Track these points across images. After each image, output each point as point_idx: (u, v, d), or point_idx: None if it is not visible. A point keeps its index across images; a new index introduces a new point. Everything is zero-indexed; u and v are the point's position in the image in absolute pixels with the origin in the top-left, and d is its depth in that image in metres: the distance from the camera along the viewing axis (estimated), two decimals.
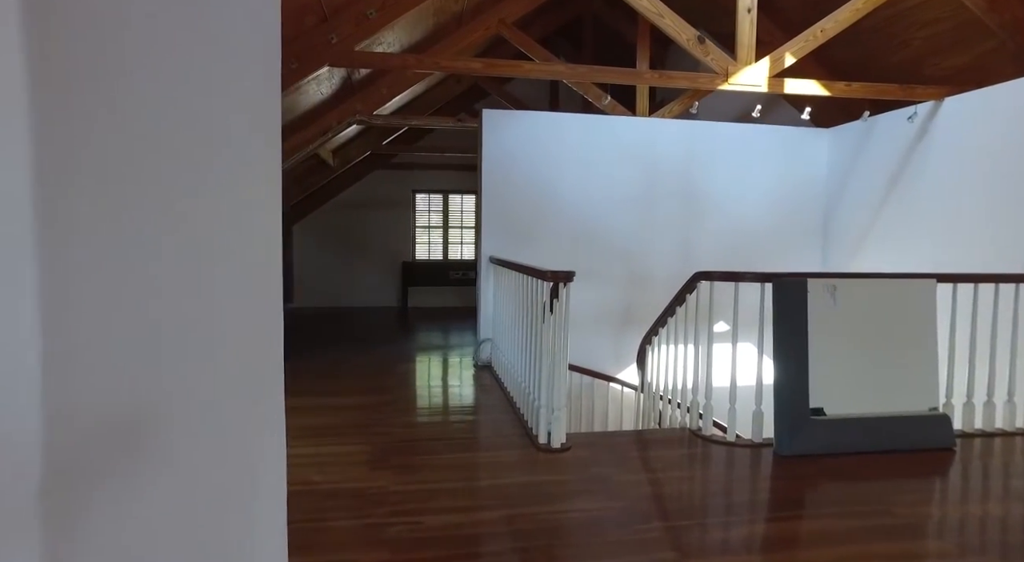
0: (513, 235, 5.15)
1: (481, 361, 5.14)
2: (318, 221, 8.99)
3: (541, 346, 3.26)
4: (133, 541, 0.70)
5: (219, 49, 0.74)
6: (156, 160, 0.70)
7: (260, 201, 0.90)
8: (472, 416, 3.76)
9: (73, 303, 0.63)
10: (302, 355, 5.51)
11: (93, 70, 0.64)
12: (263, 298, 0.93)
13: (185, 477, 0.75)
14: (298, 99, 4.53)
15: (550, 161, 5.19)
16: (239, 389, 0.85)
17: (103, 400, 0.67)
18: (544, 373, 3.18)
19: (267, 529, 0.88)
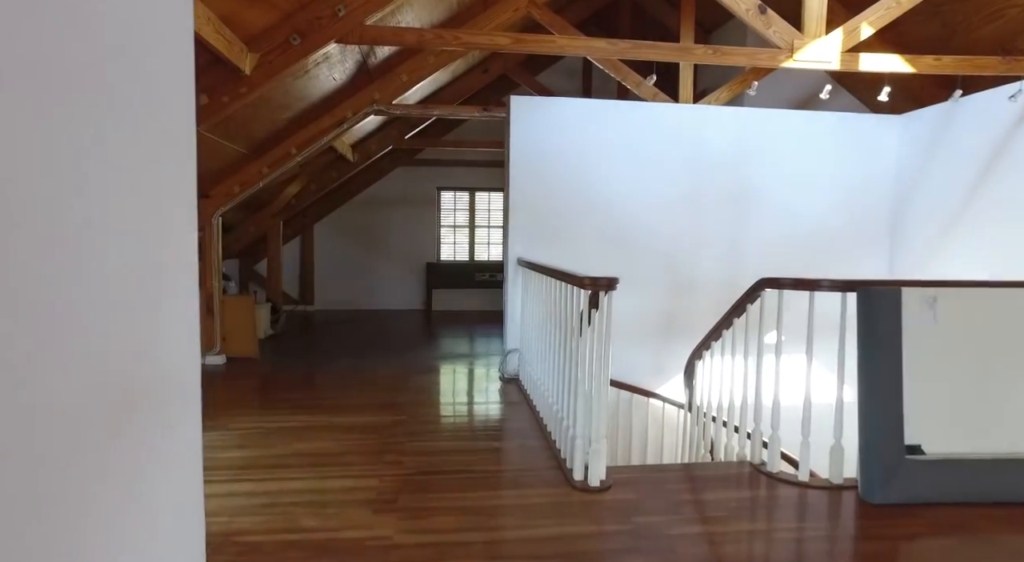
0: (543, 235, 4.68)
1: (507, 374, 4.68)
2: (338, 220, 8.67)
3: (576, 364, 2.79)
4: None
5: None
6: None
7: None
8: (497, 442, 3.30)
9: None
10: (316, 363, 5.13)
11: None
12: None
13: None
14: (308, 85, 4.15)
15: (585, 153, 4.71)
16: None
17: None
18: (580, 398, 2.71)
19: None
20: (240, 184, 4.93)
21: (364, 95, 4.97)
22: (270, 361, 5.21)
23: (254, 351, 5.17)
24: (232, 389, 4.31)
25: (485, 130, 8.52)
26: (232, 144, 4.24)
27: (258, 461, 2.87)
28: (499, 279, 8.82)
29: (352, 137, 6.42)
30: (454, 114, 5.40)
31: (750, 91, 4.65)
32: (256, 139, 4.50)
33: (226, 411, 3.71)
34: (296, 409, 3.75)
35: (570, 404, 2.92)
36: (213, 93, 3.08)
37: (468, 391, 4.40)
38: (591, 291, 2.65)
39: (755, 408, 2.94)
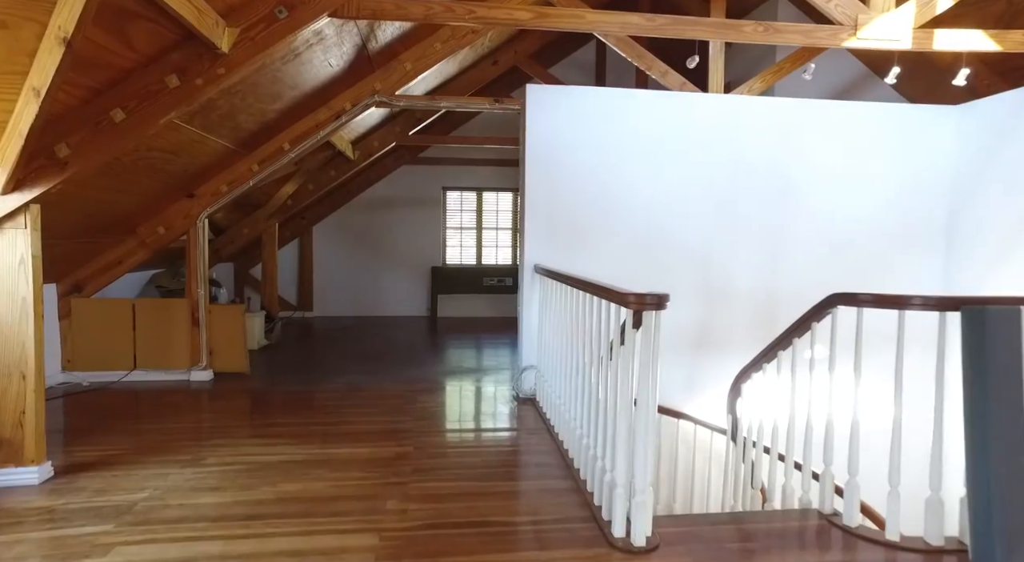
0: (562, 238, 4.21)
1: (523, 393, 4.22)
2: (338, 222, 8.23)
3: (614, 395, 2.33)
4: None
5: None
6: None
7: None
8: (517, 482, 2.84)
9: None
10: (311, 379, 4.68)
11: None
12: None
13: None
14: (301, 71, 3.70)
15: (608, 148, 4.24)
16: None
17: None
18: (621, 437, 2.24)
19: None
20: (228, 183, 4.49)
21: (364, 85, 4.52)
22: (261, 377, 4.76)
23: (244, 366, 4.72)
24: (215, 411, 3.85)
25: (494, 126, 8.08)
26: (216, 137, 3.79)
27: (233, 509, 2.41)
28: (507, 284, 8.38)
29: (352, 133, 5.97)
30: (463, 106, 4.95)
31: (806, 75, 4.19)
32: (244, 132, 4.05)
33: (205, 440, 3.25)
34: (286, 437, 3.30)
35: (605, 440, 2.46)
36: (185, 74, 2.63)
37: (480, 414, 3.94)
38: (635, 310, 2.19)
39: (826, 446, 2.47)
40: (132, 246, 4.41)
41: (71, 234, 3.76)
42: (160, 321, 4.50)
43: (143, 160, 3.37)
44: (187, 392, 4.26)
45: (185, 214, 4.45)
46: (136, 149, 3.18)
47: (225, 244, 6.50)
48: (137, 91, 2.56)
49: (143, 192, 3.83)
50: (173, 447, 3.12)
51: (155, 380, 4.48)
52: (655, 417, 2.24)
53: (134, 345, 4.47)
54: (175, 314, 4.52)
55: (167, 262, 5.55)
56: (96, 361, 4.40)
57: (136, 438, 3.26)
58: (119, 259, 4.39)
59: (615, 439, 2.31)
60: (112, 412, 3.75)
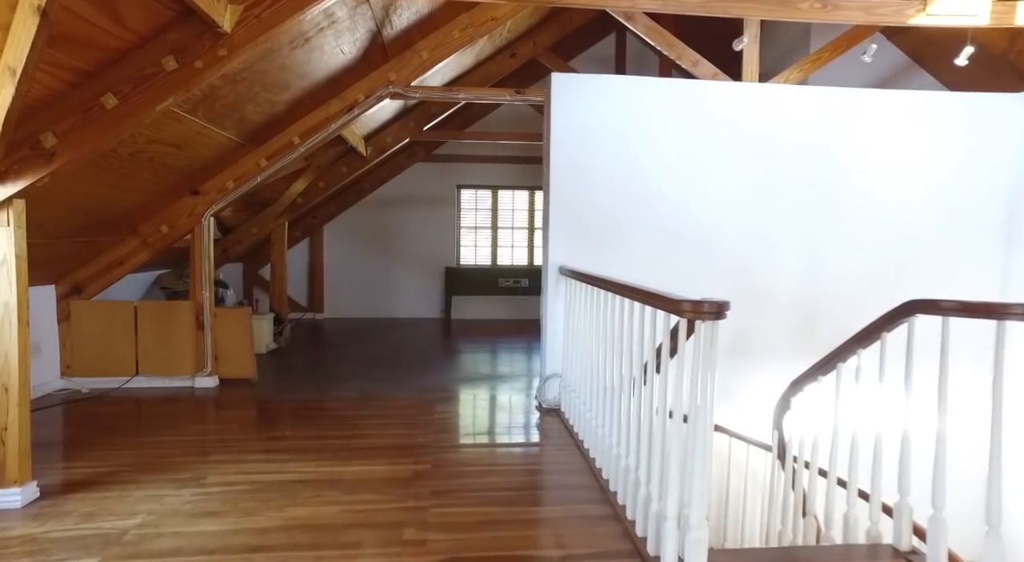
0: (589, 238, 3.94)
1: (546, 402, 3.94)
2: (350, 221, 8.00)
3: (662, 413, 2.06)
4: None
5: None
6: None
7: None
8: (545, 507, 2.56)
9: None
10: (322, 387, 4.43)
11: None
12: None
13: None
14: (311, 58, 3.45)
15: (638, 141, 3.96)
16: None
17: None
18: (671, 461, 1.96)
19: None
20: (235, 179, 4.25)
21: (378, 75, 4.27)
22: (269, 383, 4.52)
23: (251, 372, 4.48)
24: (219, 422, 3.61)
25: (510, 122, 7.82)
26: (221, 130, 3.55)
27: (234, 539, 2.16)
28: (523, 285, 8.10)
29: (364, 127, 5.73)
30: (483, 98, 4.69)
31: (865, 57, 3.88)
32: (251, 125, 3.81)
33: (207, 454, 3.01)
34: (294, 452, 3.05)
35: (650, 463, 2.18)
36: (183, 55, 2.38)
37: (501, 426, 3.67)
38: (689, 319, 1.91)
39: (900, 472, 2.18)
40: (134, 246, 4.19)
41: (68, 233, 3.54)
42: (163, 325, 4.28)
43: (143, 154, 3.13)
44: (191, 400, 4.03)
45: (189, 212, 4.22)
46: (134, 141, 2.95)
47: (233, 244, 6.29)
48: (130, 74, 2.32)
49: (144, 188, 3.60)
50: (172, 463, 2.87)
51: (158, 387, 4.26)
52: (711, 439, 1.96)
53: (136, 350, 4.25)
54: (179, 317, 4.30)
55: (172, 262, 5.33)
56: (96, 367, 4.18)
57: (133, 452, 3.02)
58: (120, 259, 4.17)
59: (664, 463, 2.03)
60: (110, 422, 3.52)
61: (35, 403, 3.77)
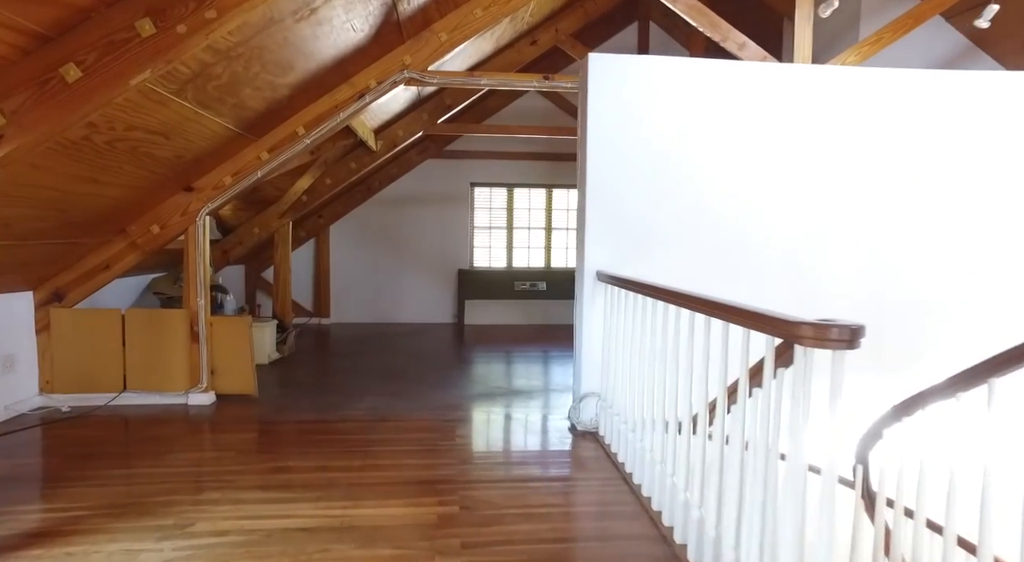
0: (631, 240, 3.49)
1: (581, 424, 3.50)
2: (358, 221, 7.57)
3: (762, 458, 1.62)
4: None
5: None
6: None
7: None
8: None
9: None
10: (329, 404, 4.00)
11: None
12: None
13: None
14: (318, 34, 3.02)
15: (687, 130, 3.52)
16: None
17: None
18: (786, 530, 1.52)
19: None
20: (233, 174, 3.83)
21: (392, 59, 3.84)
22: (271, 400, 4.09)
23: (251, 387, 4.06)
24: (214, 448, 3.19)
25: (529, 116, 7.38)
26: (215, 117, 3.12)
27: None
28: (540, 289, 7.66)
29: (375, 119, 5.30)
30: (509, 84, 4.24)
31: (980, 21, 3.42)
32: (250, 112, 3.39)
33: (198, 492, 2.58)
34: (298, 489, 2.62)
35: (738, 520, 1.74)
36: (162, 18, 1.95)
37: (534, 454, 3.22)
38: (807, 346, 1.47)
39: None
40: (121, 248, 3.78)
41: (43, 233, 3.12)
42: (154, 335, 3.86)
43: (122, 142, 2.71)
44: (183, 420, 3.61)
45: (183, 210, 3.80)
46: (111, 127, 2.52)
47: (233, 245, 5.87)
48: (97, 40, 1.90)
49: (128, 183, 3.18)
50: (155, 504, 2.45)
51: (147, 404, 3.84)
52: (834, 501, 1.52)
53: (124, 363, 3.83)
54: (172, 327, 3.88)
55: (168, 265, 4.92)
56: (79, 382, 3.77)
57: (111, 490, 2.60)
58: (106, 263, 3.75)
59: (763, 525, 1.59)
60: (90, 448, 3.10)
61: (7, 425, 3.36)
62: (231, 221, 5.89)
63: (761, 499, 1.66)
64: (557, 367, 5.39)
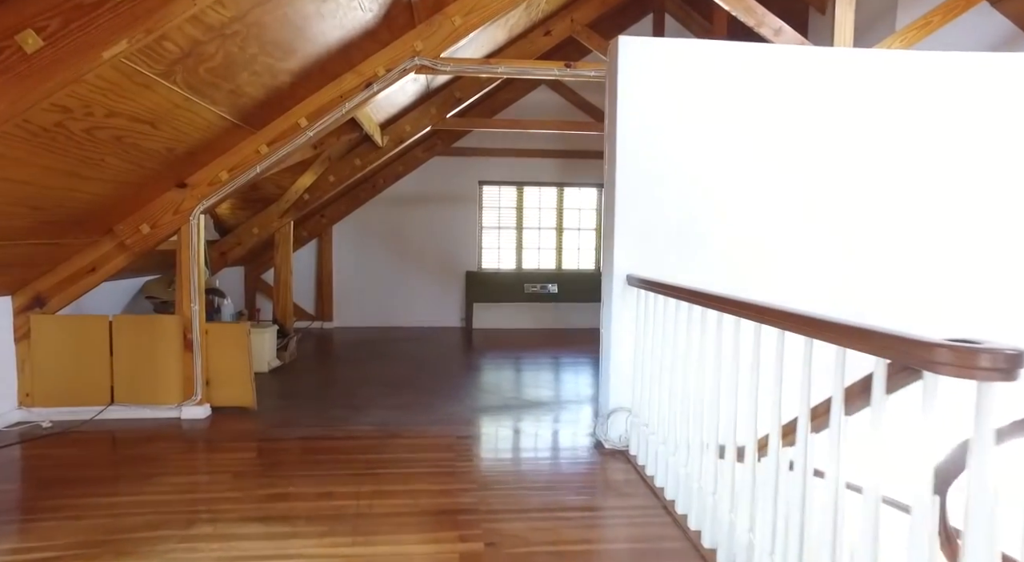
0: (666, 240, 3.19)
1: (609, 441, 3.20)
2: (362, 221, 7.28)
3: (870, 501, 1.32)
4: None
5: None
6: None
7: None
8: None
9: None
10: (333, 417, 3.70)
11: None
12: None
13: None
14: (322, 13, 2.72)
15: (727, 121, 3.22)
16: None
17: None
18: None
19: None
20: (229, 169, 3.54)
21: (402, 44, 3.55)
22: (271, 412, 3.80)
23: (249, 399, 3.76)
24: (207, 470, 2.89)
25: (539, 112, 7.08)
26: (210, 104, 2.83)
27: None
28: (551, 292, 7.36)
29: (381, 113, 5.00)
30: (528, 72, 3.93)
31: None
32: (248, 100, 3.09)
33: (188, 526, 2.28)
34: (300, 520, 2.32)
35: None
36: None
37: (562, 477, 2.91)
38: (947, 375, 1.17)
39: None
40: (108, 249, 3.48)
41: (18, 233, 2.83)
42: (144, 343, 3.56)
43: (103, 130, 2.41)
44: (175, 437, 3.31)
45: (175, 208, 3.51)
46: (88, 112, 2.22)
47: (232, 246, 5.58)
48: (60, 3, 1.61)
49: (113, 178, 2.88)
50: (138, 542, 2.15)
51: (137, 418, 3.54)
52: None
53: (111, 374, 3.54)
54: (164, 334, 3.58)
55: (163, 267, 4.62)
56: (62, 395, 3.48)
57: (89, 522, 2.30)
58: (92, 265, 3.46)
59: None
60: (70, 471, 2.80)
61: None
62: (229, 221, 5.59)
63: (871, 555, 1.36)
64: (573, 375, 5.10)
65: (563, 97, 7.27)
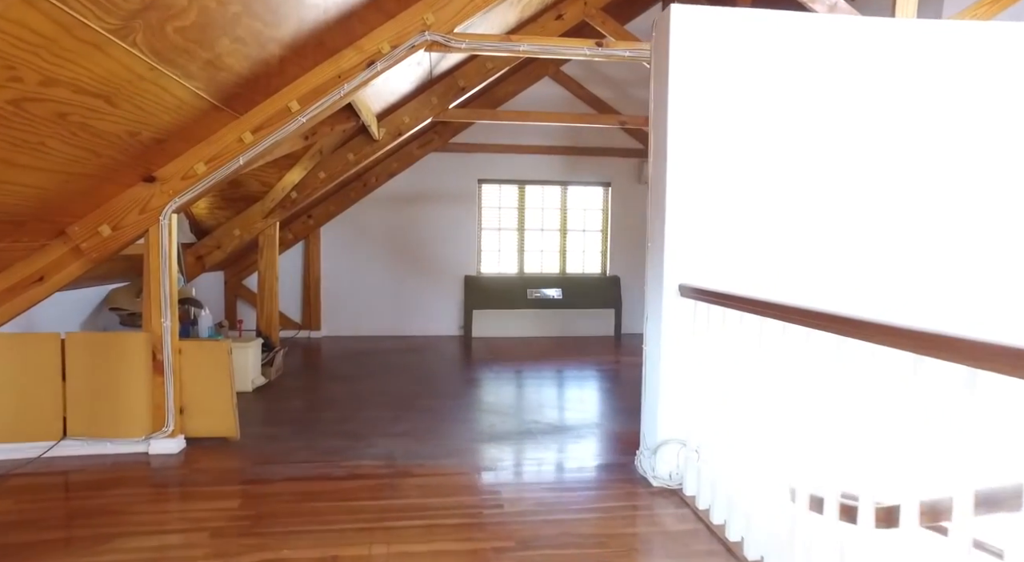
0: (729, 245, 2.74)
1: (658, 478, 2.74)
2: (352, 222, 6.74)
3: None
4: None
5: None
6: None
7: None
8: None
9: None
10: (327, 451, 3.18)
11: None
12: None
13: None
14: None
15: (801, 103, 2.77)
16: None
17: None
18: None
19: None
20: (207, 160, 3.01)
21: (410, 17, 3.06)
22: (256, 444, 3.27)
23: (231, 428, 3.23)
24: (179, 525, 2.35)
25: (542, 105, 6.61)
26: (182, 78, 2.30)
27: None
28: (555, 298, 6.90)
29: (378, 101, 4.49)
30: (552, 51, 3.44)
31: None
32: (229, 75, 2.57)
33: None
34: None
35: None
36: None
37: (614, 529, 2.43)
38: None
39: None
40: (60, 254, 2.93)
41: None
42: (105, 365, 3.02)
43: (38, 104, 1.88)
44: (141, 479, 2.77)
45: (142, 206, 2.97)
46: (12, 74, 1.69)
47: (210, 249, 5.02)
48: None
49: (59, 167, 2.34)
50: None
51: (95, 455, 2.99)
52: None
53: (64, 402, 2.98)
54: (128, 354, 3.04)
55: (130, 273, 4.06)
56: (4, 428, 2.91)
57: None
58: (39, 274, 2.90)
59: None
60: (5, 532, 2.25)
61: None
62: (207, 221, 5.03)
63: None
64: (592, 392, 4.64)
65: (568, 90, 6.82)
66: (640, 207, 7.11)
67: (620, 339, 6.84)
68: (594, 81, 6.80)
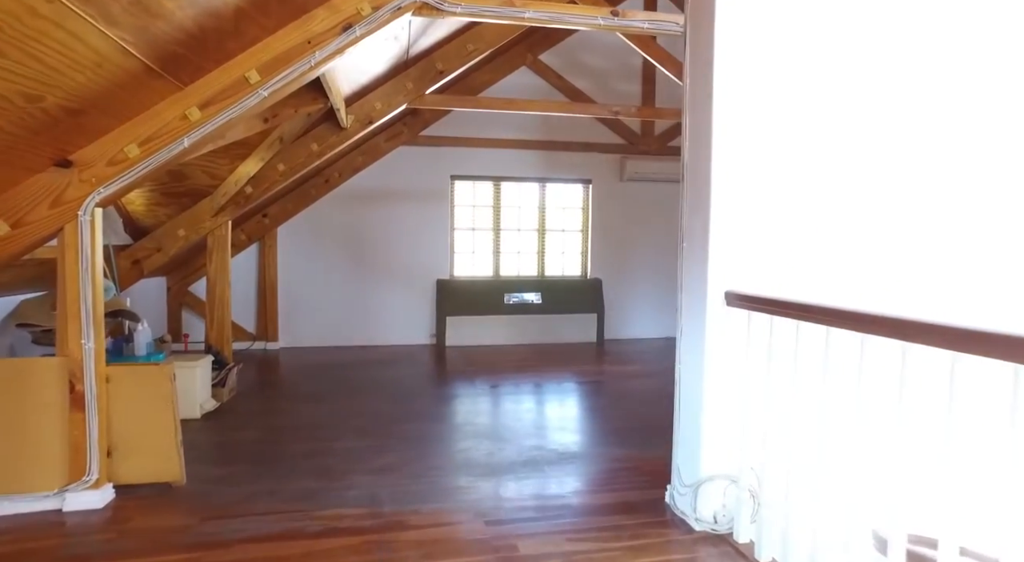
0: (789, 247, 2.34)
1: (702, 521, 2.31)
2: (312, 221, 6.12)
3: None
4: None
5: None
6: None
7: None
8: None
9: None
10: (295, 496, 2.62)
11: None
12: None
13: None
14: None
15: (864, 79, 2.40)
16: None
17: None
18: None
19: None
20: (141, 141, 2.41)
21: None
22: (207, 492, 2.67)
23: (174, 472, 2.63)
24: None
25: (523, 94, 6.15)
26: (103, 24, 1.73)
27: None
28: (534, 303, 6.45)
29: (348, 83, 3.93)
30: (560, 19, 2.95)
31: None
32: (170, 29, 2.00)
33: None
34: None
35: None
36: None
37: None
38: None
39: None
40: None
41: None
42: (7, 399, 2.37)
43: None
44: (49, 549, 2.15)
45: (54, 198, 2.34)
46: None
47: (150, 253, 4.33)
48: None
49: None
50: None
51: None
52: None
53: None
54: (38, 384, 2.40)
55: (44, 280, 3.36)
56: None
57: None
58: None
59: None
60: None
61: None
62: (145, 220, 4.34)
63: None
64: (588, 410, 4.21)
65: (546, 81, 6.39)
66: (622, 205, 6.75)
67: (603, 345, 6.45)
68: (575, 71, 6.40)
